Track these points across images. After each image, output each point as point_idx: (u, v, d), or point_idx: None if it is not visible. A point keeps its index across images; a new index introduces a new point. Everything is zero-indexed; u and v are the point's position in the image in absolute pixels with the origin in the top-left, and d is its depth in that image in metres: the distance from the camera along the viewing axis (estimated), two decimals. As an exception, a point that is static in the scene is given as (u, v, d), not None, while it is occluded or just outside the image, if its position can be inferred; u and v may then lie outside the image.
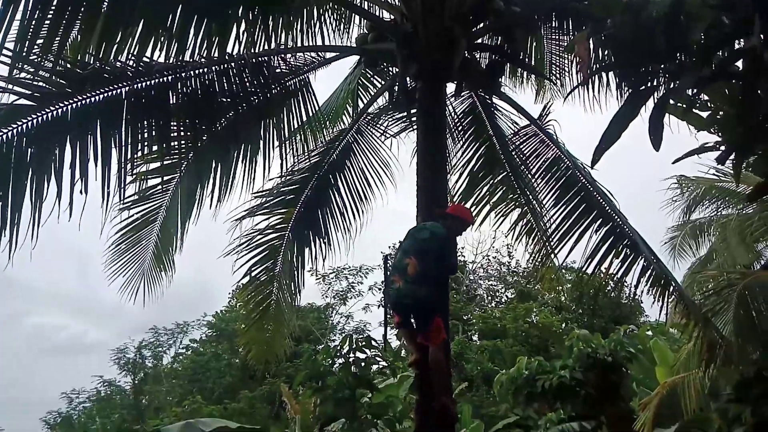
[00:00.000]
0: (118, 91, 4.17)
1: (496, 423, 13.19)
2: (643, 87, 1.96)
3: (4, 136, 3.70)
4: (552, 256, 6.43)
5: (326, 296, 28.10)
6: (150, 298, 6.38)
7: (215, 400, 19.82)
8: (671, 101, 2.01)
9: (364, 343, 4.06)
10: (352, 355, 4.03)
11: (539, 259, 6.73)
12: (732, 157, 2.24)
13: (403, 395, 5.95)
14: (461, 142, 6.70)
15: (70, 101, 3.91)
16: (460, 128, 6.64)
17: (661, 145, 1.93)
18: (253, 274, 6.75)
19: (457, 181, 6.75)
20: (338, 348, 4.12)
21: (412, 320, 4.19)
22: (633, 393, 8.59)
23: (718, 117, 2.00)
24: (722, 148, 2.03)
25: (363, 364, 4.01)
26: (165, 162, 5.58)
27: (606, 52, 3.28)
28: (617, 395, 7.70)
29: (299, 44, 5.08)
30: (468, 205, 6.84)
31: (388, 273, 4.16)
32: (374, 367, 4.27)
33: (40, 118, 3.78)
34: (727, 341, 5.21)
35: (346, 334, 4.57)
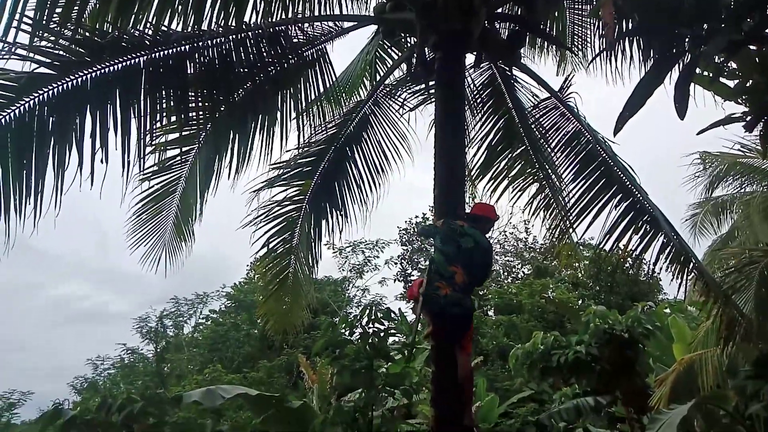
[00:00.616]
0: (137, 60, 4.18)
1: (511, 397, 13.32)
2: (670, 53, 1.90)
3: (26, 105, 3.75)
4: (570, 231, 6.37)
5: (343, 269, 28.36)
6: (171, 268, 6.49)
7: (235, 369, 20.27)
8: (698, 68, 1.95)
9: (382, 315, 4.08)
10: (370, 326, 4.06)
11: (557, 235, 6.68)
12: (760, 127, 2.17)
13: (419, 368, 6.03)
14: (480, 115, 6.61)
15: (90, 70, 3.93)
16: (479, 101, 6.55)
17: (686, 113, 1.87)
18: (270, 245, 6.82)
19: (475, 155, 6.69)
20: (357, 318, 4.15)
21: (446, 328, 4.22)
22: (649, 369, 8.57)
23: (747, 86, 1.93)
24: (749, 118, 1.96)
25: (381, 335, 4.04)
26: (183, 133, 5.61)
27: (631, 19, 3.17)
28: (633, 371, 7.68)
29: (316, 14, 5.02)
30: (486, 180, 6.80)
31: (430, 278, 4.14)
32: (391, 339, 4.32)
33: (60, 87, 3.82)
34: (746, 319, 5.14)
35: (365, 305, 4.63)
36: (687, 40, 1.91)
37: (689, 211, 11.15)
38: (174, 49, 4.46)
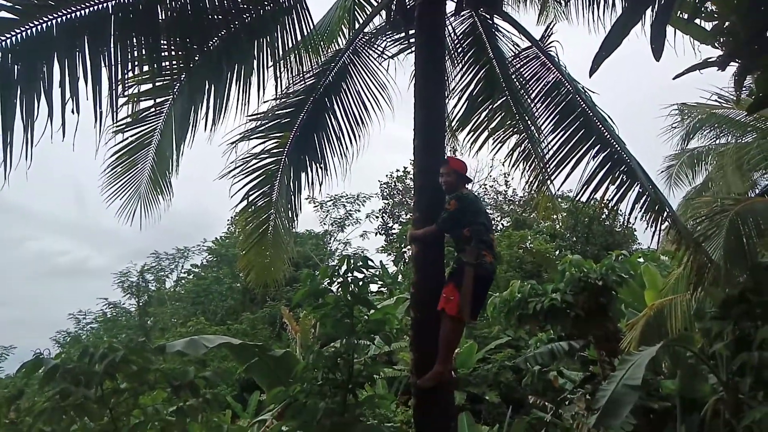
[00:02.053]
0: (104, 5, 3.99)
1: (489, 343, 13.77)
2: (647, -7, 1.88)
3: (-12, 52, 3.58)
4: (548, 182, 6.44)
5: (324, 223, 28.46)
6: (148, 222, 6.41)
7: (218, 321, 20.51)
8: (675, 10, 1.94)
9: (361, 263, 4.14)
10: (349, 274, 4.11)
11: (535, 186, 6.75)
12: (734, 73, 2.19)
13: (400, 316, 6.16)
14: (461, 65, 6.53)
15: (55, 15, 3.75)
16: (459, 50, 6.46)
17: (662, 54, 1.87)
18: (250, 198, 6.78)
19: (455, 106, 6.66)
20: (336, 268, 4.20)
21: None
22: (621, 315, 8.90)
23: (724, 27, 1.93)
24: (723, 57, 1.97)
25: (360, 283, 4.11)
26: (157, 83, 5.47)
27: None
28: (605, 316, 7.97)
29: (292, -43, 4.83)
30: (466, 131, 6.79)
31: (471, 247, 4.23)
32: (372, 287, 4.40)
33: (24, 33, 3.65)
34: (715, 265, 5.33)
35: (343, 255, 4.66)
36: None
37: (665, 162, 11.33)
38: (143, -7, 4.26)
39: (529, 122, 6.35)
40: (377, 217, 28.92)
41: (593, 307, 7.92)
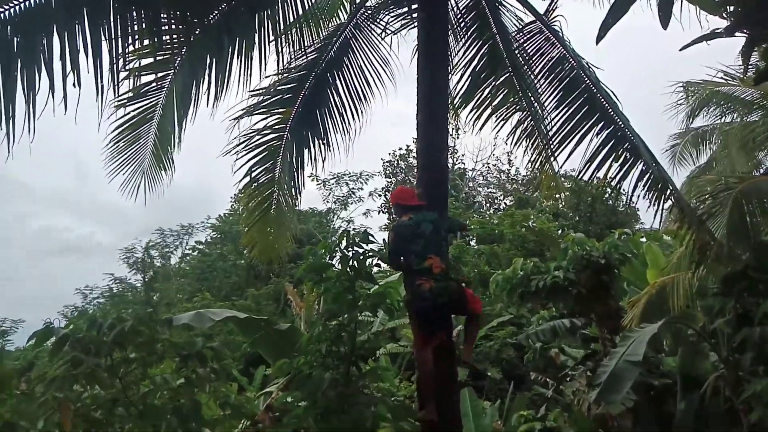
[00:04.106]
0: (103, -23, 3.95)
1: (491, 321, 13.85)
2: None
3: (-12, 24, 3.56)
4: (551, 160, 6.41)
5: (327, 201, 28.48)
6: (151, 198, 6.42)
7: (223, 297, 20.67)
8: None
9: (360, 238, 4.15)
10: (350, 249, 4.13)
11: (538, 164, 6.72)
12: (742, 47, 2.16)
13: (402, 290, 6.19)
14: (463, 41, 6.45)
15: (53, -14, 3.72)
16: (462, 25, 6.37)
17: (669, 22, 1.85)
18: (253, 175, 6.77)
19: (458, 82, 6.59)
20: (337, 243, 4.22)
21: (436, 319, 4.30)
22: (623, 293, 8.93)
23: (731, -3, 1.89)
24: (730, 25, 1.94)
25: (361, 257, 4.13)
26: (158, 57, 5.43)
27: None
28: (607, 294, 8.00)
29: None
30: (468, 109, 6.74)
31: (411, 282, 4.20)
32: (372, 261, 4.43)
33: (23, 5, 3.62)
34: (718, 243, 5.32)
35: (343, 230, 4.68)
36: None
37: (670, 141, 11.25)
38: (143, -35, 4.21)
39: (532, 99, 6.29)
40: (380, 195, 28.92)
41: (595, 285, 7.94)
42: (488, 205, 29.36)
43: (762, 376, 4.78)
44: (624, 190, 5.94)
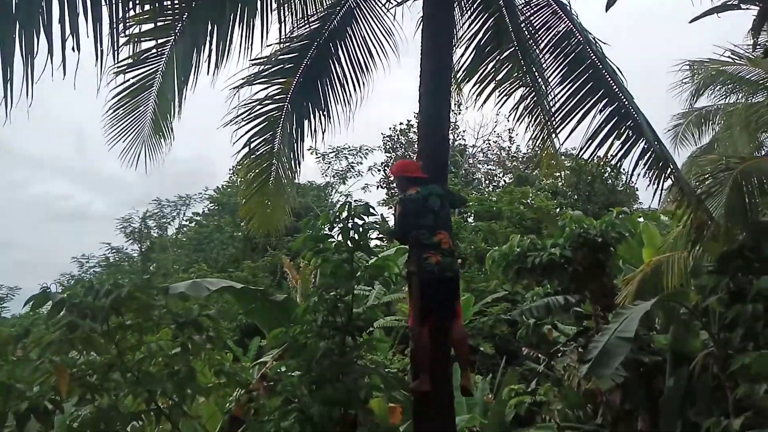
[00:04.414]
0: (103, -63, 3.85)
1: (486, 297, 13.99)
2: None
3: (-14, -16, 3.49)
4: (553, 137, 6.38)
5: (326, 175, 28.43)
6: (151, 167, 6.40)
7: (219, 269, 20.76)
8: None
9: (361, 210, 4.16)
10: (350, 221, 4.14)
11: (540, 142, 6.69)
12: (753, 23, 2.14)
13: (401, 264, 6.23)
14: (469, 13, 6.36)
15: (51, -54, 3.63)
16: (468, -3, 6.27)
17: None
18: (252, 145, 6.74)
19: (462, 56, 6.52)
20: (337, 214, 4.22)
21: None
22: (618, 271, 8.99)
23: (743, -30, 1.86)
24: (744, 5, 1.91)
25: (361, 229, 4.15)
26: (158, 23, 5.36)
27: None
28: (602, 272, 8.05)
29: None
30: (472, 83, 6.68)
31: (418, 255, 4.19)
32: (372, 234, 4.46)
33: (22, -36, 3.54)
34: (715, 222, 5.35)
35: (343, 201, 4.66)
36: None
37: (673, 121, 11.19)
38: (143, -74, 4.12)
39: (536, 74, 6.23)
40: (379, 170, 28.85)
41: (591, 263, 7.99)
42: (487, 182, 29.35)
43: (750, 353, 4.86)
44: (624, 169, 5.94)
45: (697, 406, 6.24)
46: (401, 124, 28.16)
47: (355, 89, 6.65)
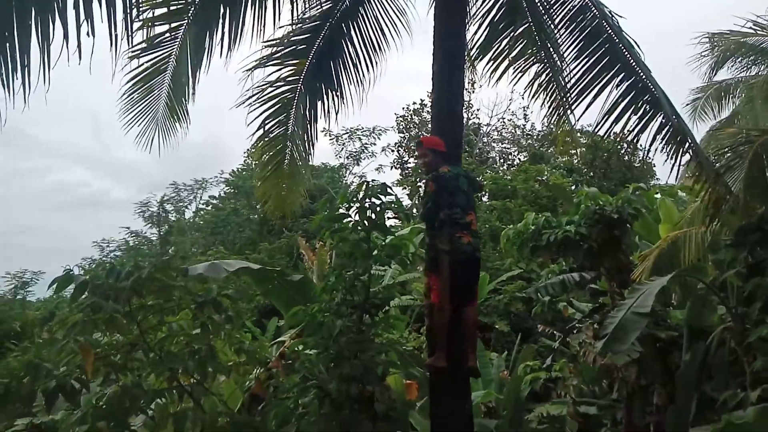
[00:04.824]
0: None
1: (500, 275, 14.00)
2: None
3: (1, -29, 3.53)
4: (569, 113, 6.31)
5: (340, 156, 28.44)
6: (167, 152, 6.47)
7: (237, 251, 20.99)
8: None
9: (379, 190, 4.18)
10: (367, 200, 4.17)
11: (555, 119, 6.63)
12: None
13: (418, 243, 6.28)
14: (482, -12, 6.27)
15: (65, -70, 3.65)
16: (481, -28, 6.18)
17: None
18: (266, 128, 6.77)
19: (475, 33, 6.45)
20: (355, 193, 4.25)
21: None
22: (634, 247, 8.92)
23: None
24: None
25: (378, 209, 4.17)
26: (171, 7, 5.37)
27: None
28: (618, 248, 7.99)
29: None
30: (485, 60, 6.61)
31: (450, 234, 4.21)
32: (388, 213, 4.49)
33: (36, -50, 3.57)
34: (734, 196, 5.28)
35: (362, 181, 4.68)
36: None
37: (691, 95, 10.98)
38: None
39: (551, 49, 6.14)
40: (393, 150, 28.77)
41: (606, 240, 7.93)
42: (502, 160, 29.13)
43: (768, 325, 4.83)
44: (641, 144, 5.86)
45: (714, 380, 6.23)
46: (414, 103, 27.95)
47: (368, 69, 6.63)
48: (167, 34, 5.66)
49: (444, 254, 4.18)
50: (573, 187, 18.49)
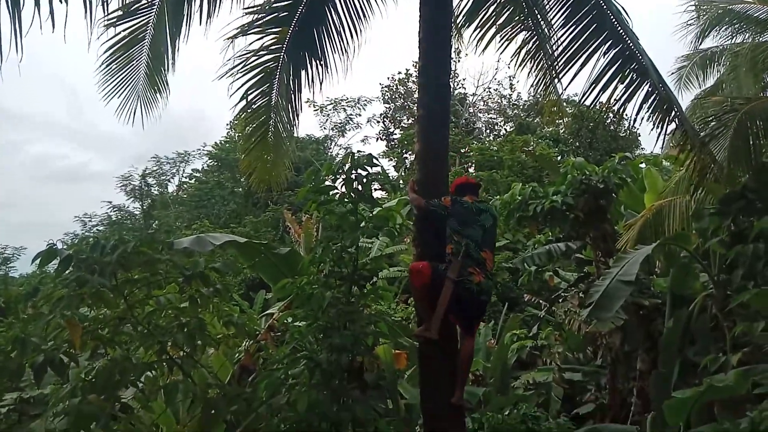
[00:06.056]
0: None
1: (487, 246, 14.06)
2: None
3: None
4: (556, 81, 6.26)
5: (325, 128, 28.17)
6: (148, 123, 6.32)
7: (222, 225, 20.88)
8: None
9: (365, 160, 4.13)
10: (353, 171, 4.12)
11: (541, 88, 6.56)
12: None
13: (405, 214, 6.24)
14: (469, -47, 6.12)
15: None
16: (468, -65, 6.02)
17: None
18: (249, 98, 6.62)
19: (461, 1, 6.32)
20: (341, 164, 4.19)
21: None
22: (620, 216, 9.02)
23: None
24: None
25: (365, 180, 4.13)
26: (147, -29, 5.18)
27: None
28: (604, 218, 8.07)
29: None
30: (472, 28, 6.50)
31: (463, 264, 4.02)
32: (375, 185, 4.44)
33: None
34: (718, 165, 5.32)
35: (347, 152, 4.58)
36: None
37: (676, 63, 10.96)
38: None
39: (538, 16, 6.04)
40: (378, 121, 28.57)
41: (592, 209, 7.99)
42: (488, 131, 29.08)
43: (750, 290, 4.91)
44: (627, 114, 5.84)
45: (696, 345, 6.38)
46: (399, 73, 27.63)
47: (352, 37, 6.48)
48: (144, 1, 5.47)
49: (449, 283, 4.02)
50: (559, 158, 18.55)
